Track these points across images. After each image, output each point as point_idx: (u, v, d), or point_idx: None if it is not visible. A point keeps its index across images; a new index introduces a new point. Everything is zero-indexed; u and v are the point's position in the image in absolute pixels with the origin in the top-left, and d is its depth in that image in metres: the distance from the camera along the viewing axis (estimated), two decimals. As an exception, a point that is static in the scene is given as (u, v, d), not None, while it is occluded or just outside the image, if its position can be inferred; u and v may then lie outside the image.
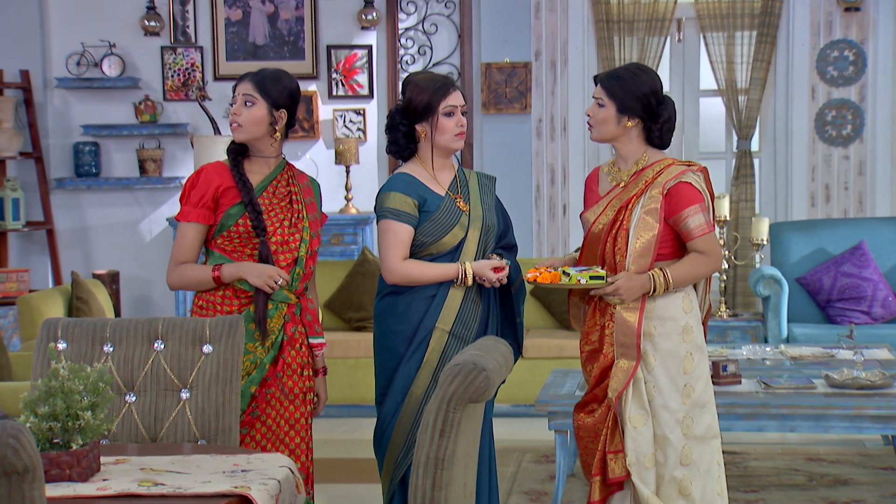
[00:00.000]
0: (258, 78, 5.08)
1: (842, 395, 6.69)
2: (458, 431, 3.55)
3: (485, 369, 3.55)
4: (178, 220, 5.05)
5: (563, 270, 5.00)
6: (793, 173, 10.50)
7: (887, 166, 10.42)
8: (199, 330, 4.47)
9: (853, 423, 6.60)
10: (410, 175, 5.13)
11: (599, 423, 5.05)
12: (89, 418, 3.66)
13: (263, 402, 4.99)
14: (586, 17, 10.63)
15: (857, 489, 7.10)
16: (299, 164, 10.77)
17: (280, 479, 3.71)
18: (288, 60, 10.89)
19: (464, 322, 5.06)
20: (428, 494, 3.54)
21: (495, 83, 10.69)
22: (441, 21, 10.90)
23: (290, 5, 10.91)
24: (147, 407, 4.41)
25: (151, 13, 10.90)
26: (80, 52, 11.02)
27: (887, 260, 9.54)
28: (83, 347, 4.46)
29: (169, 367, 4.43)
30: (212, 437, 4.39)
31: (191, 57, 10.96)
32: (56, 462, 3.62)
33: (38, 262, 11.08)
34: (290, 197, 5.08)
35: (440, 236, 5.06)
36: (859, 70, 10.38)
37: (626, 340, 4.99)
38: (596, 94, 5.09)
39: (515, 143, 10.71)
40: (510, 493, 7.13)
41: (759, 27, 10.44)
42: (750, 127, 10.52)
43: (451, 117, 5.08)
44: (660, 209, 4.97)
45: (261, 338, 4.98)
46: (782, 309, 9.21)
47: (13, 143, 10.76)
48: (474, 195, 5.20)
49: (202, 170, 5.06)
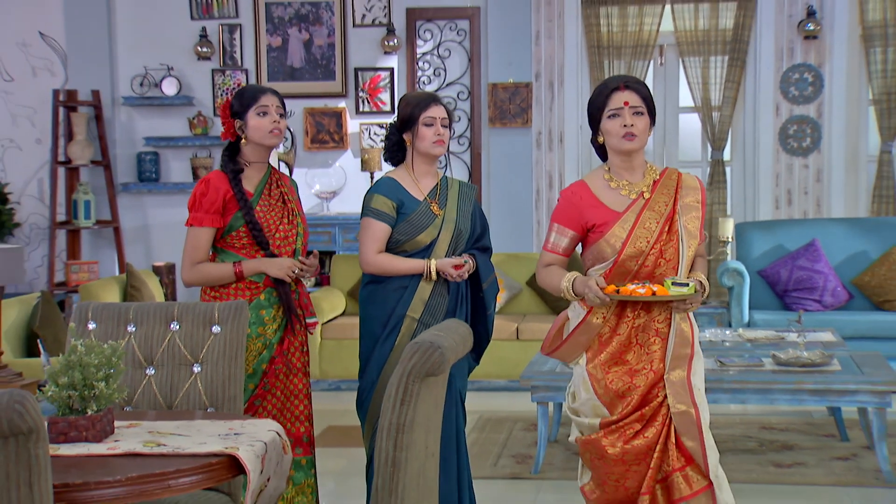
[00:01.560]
0: (277, 93, 5.09)
1: (786, 372, 6.67)
2: (417, 401, 3.56)
3: (440, 347, 3.56)
4: (192, 224, 4.98)
5: (673, 282, 4.27)
6: (759, 179, 10.46)
7: (842, 174, 10.37)
8: (209, 313, 4.48)
9: (795, 396, 6.59)
10: (394, 180, 5.16)
11: (653, 443, 4.34)
12: (103, 388, 3.68)
13: (273, 377, 5.01)
14: (580, 44, 10.61)
15: (800, 453, 7.06)
16: (330, 170, 10.84)
17: (267, 441, 3.72)
18: (321, 81, 10.93)
19: (431, 312, 5.07)
20: (391, 455, 3.55)
21: (500, 101, 10.68)
22: (453, 46, 10.90)
23: (322, 33, 10.94)
24: (164, 379, 4.43)
25: (204, 40, 10.95)
26: (142, 75, 11.08)
27: (837, 255, 9.48)
28: (110, 327, 4.48)
29: (183, 345, 4.45)
30: (219, 405, 4.40)
31: (237, 78, 10.99)
32: (74, 425, 3.65)
33: (106, 256, 11.14)
34: (283, 197, 5.09)
35: (414, 235, 5.08)
36: (817, 90, 10.32)
37: (684, 352, 4.35)
38: (633, 101, 4.41)
39: (518, 153, 10.71)
40: (499, 457, 7.13)
41: (731, 52, 10.41)
42: (722, 139, 10.49)
43: (431, 127, 5.10)
44: (701, 217, 4.44)
45: (296, 320, 5.00)
46: (744, 297, 9.17)
47: (85, 152, 10.84)
48: (451, 202, 5.19)
49: (209, 179, 4.99)
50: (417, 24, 10.90)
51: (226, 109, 5.06)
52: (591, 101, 4.51)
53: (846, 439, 7.33)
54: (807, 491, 6.42)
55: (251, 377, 4.96)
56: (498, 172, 10.72)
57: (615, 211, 4.41)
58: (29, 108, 11.15)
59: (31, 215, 11.20)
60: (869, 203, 10.37)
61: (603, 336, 4.41)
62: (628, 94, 4.41)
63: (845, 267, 9.45)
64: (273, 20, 10.96)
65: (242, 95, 5.04)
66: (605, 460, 4.37)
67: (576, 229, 4.46)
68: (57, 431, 3.65)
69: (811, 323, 8.56)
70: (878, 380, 6.49)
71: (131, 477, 3.35)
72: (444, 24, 10.88)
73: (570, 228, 4.47)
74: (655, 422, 4.35)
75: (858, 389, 6.49)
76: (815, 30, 10.23)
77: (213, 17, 11.02)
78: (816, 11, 10.26)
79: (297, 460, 5.07)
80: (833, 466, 6.79)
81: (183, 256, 5.03)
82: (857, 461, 6.89)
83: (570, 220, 4.46)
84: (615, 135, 4.41)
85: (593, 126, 4.52)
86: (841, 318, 8.93)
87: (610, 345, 4.39)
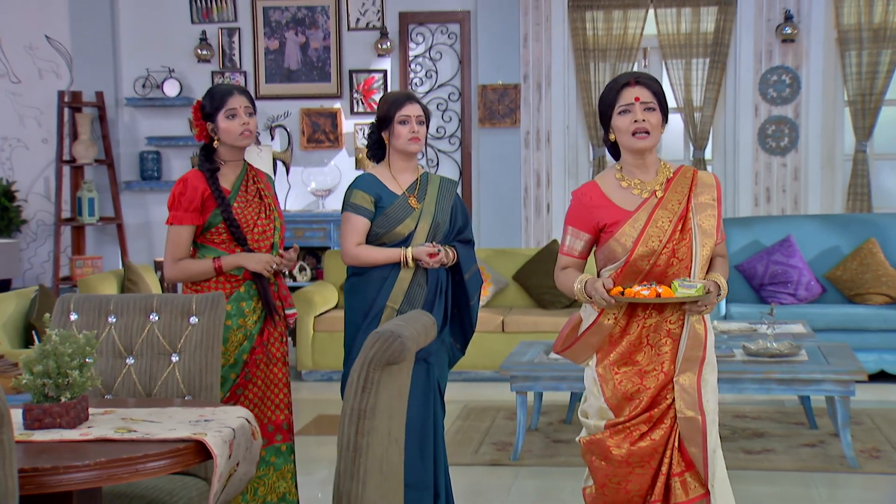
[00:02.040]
0: (246, 92, 5.06)
1: (755, 362, 6.66)
2: (378, 388, 3.54)
3: (400, 336, 3.54)
4: (173, 223, 4.92)
5: (681, 283, 4.02)
6: (739, 178, 10.44)
7: (818, 172, 10.35)
8: (186, 304, 4.46)
9: (763, 385, 6.57)
10: (373, 176, 5.17)
11: (660, 446, 4.12)
12: (76, 376, 3.66)
13: (253, 367, 4.98)
14: (566, 47, 10.58)
15: (769, 440, 7.05)
16: (325, 169, 10.82)
17: (235, 427, 3.70)
18: (317, 82, 10.91)
19: (410, 302, 5.04)
20: (352, 440, 3.53)
21: (490, 101, 10.65)
22: (445, 49, 10.87)
23: (318, 36, 10.91)
24: (143, 368, 4.41)
25: (204, 44, 10.93)
26: (145, 77, 11.06)
27: (811, 250, 9.44)
28: (91, 318, 4.45)
29: (161, 335, 4.42)
30: (196, 394, 4.38)
31: (236, 80, 10.96)
32: (48, 412, 3.62)
33: (110, 251, 11.12)
34: (260, 193, 5.07)
35: (391, 227, 5.07)
36: (795, 91, 10.30)
37: (695, 354, 4.10)
38: (644, 97, 4.14)
39: (507, 152, 10.68)
40: (481, 444, 7.12)
41: (712, 55, 10.38)
42: (704, 139, 10.46)
43: (406, 125, 5.09)
44: (718, 216, 4.18)
45: (272, 314, 4.98)
46: (721, 291, 9.12)
47: (89, 152, 10.82)
48: (431, 196, 5.17)
49: (186, 179, 4.93)
50: (410, 28, 10.86)
51: (197, 112, 5.00)
52: (602, 98, 4.24)
53: (815, 427, 7.31)
54: (773, 476, 6.41)
55: (233, 367, 4.94)
56: (487, 170, 10.69)
57: (626, 210, 4.15)
58: (35, 109, 11.14)
59: (38, 212, 11.18)
60: (844, 200, 10.35)
61: (613, 336, 4.17)
62: (639, 89, 4.15)
63: (819, 262, 9.41)
64: (270, 24, 10.94)
65: (212, 98, 4.97)
66: (610, 461, 4.15)
67: (589, 231, 4.21)
68: (32, 418, 3.63)
69: (785, 315, 8.53)
70: (842, 369, 6.47)
71: (100, 462, 3.33)
72: (435, 28, 10.85)
73: (584, 231, 4.22)
74: (663, 424, 4.12)
75: (824, 379, 6.47)
76: (793, 33, 10.20)
77: (213, 20, 11.00)
78: (794, 16, 10.23)
79: (277, 447, 5.05)
80: (800, 453, 6.77)
81: (165, 254, 4.98)
82: (824, 448, 6.86)
83: (582, 222, 4.22)
84: (626, 132, 4.14)
85: (604, 124, 4.24)
86: (814, 310, 8.90)
87: (619, 345, 4.16)
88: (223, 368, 4.90)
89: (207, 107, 4.97)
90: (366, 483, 3.54)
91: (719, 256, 4.27)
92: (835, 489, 6.25)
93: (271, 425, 5.03)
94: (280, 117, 10.99)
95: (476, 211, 10.80)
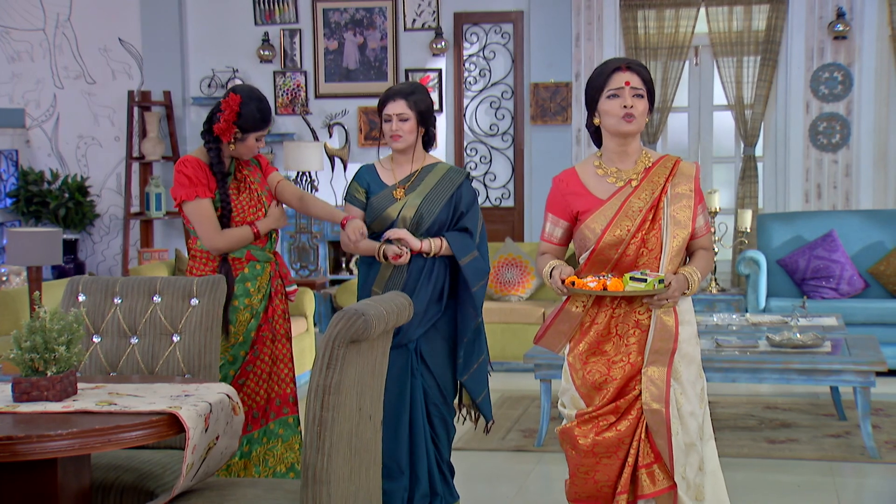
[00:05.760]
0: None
1: (776, 353, 6.58)
2: (343, 364, 3.56)
3: (363, 315, 3.56)
4: (196, 197, 4.87)
5: (632, 276, 3.90)
6: (790, 174, 10.29)
7: (870, 169, 10.17)
8: (188, 286, 4.53)
9: (783, 375, 6.49)
10: (372, 167, 5.23)
11: (626, 437, 4.01)
12: (63, 352, 3.74)
13: (260, 344, 5.03)
14: (618, 45, 10.53)
15: (795, 430, 6.95)
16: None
17: (212, 402, 3.74)
18: (374, 81, 10.99)
19: (391, 287, 5.05)
20: (318, 415, 3.56)
21: (542, 99, 10.63)
22: (498, 48, 10.88)
23: (376, 37, 11.00)
24: (146, 347, 4.49)
25: (266, 45, 11.07)
26: (210, 77, 11.23)
27: (854, 245, 9.28)
28: (98, 299, 4.54)
29: (163, 316, 4.49)
30: (195, 372, 4.45)
31: (297, 79, 11.09)
32: (36, 385, 3.71)
33: (177, 244, 11.30)
34: (246, 180, 5.13)
35: (375, 216, 5.11)
36: (847, 88, 10.13)
37: (664, 346, 3.99)
38: (634, 82, 4.03)
39: (558, 149, 10.65)
40: (510, 431, 7.12)
41: (763, 53, 10.25)
42: (754, 135, 10.33)
43: (388, 122, 5.10)
44: (693, 206, 4.06)
45: (278, 288, 5.09)
46: (760, 285, 9.01)
47: (157, 149, 11.02)
48: (424, 187, 5.11)
49: (188, 159, 4.96)
50: (464, 28, 10.90)
51: (233, 112, 4.90)
52: (590, 81, 4.13)
53: (843, 418, 7.19)
54: (791, 464, 6.33)
55: (242, 345, 5.00)
56: (539, 167, 10.67)
57: (599, 199, 4.05)
58: (109, 108, 11.38)
59: (111, 207, 11.42)
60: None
61: (584, 325, 4.08)
62: (630, 74, 4.03)
63: (862, 257, 9.25)
64: (330, 25, 11.04)
65: (254, 118, 4.94)
66: (577, 451, 4.07)
67: (566, 218, 4.14)
68: (20, 391, 3.72)
69: (825, 310, 8.41)
70: (861, 360, 6.36)
71: (73, 431, 3.39)
72: (489, 28, 10.87)
73: (561, 217, 4.14)
74: (629, 415, 4.01)
75: (843, 369, 6.38)
76: (845, 30, 10.04)
77: (275, 22, 11.13)
78: (846, 13, 10.07)
79: (284, 419, 5.11)
80: (823, 443, 6.67)
81: (201, 230, 4.90)
82: (849, 438, 6.76)
83: (559, 208, 4.15)
84: (614, 115, 4.01)
85: (590, 108, 4.13)
86: (853, 305, 8.75)
87: (588, 334, 4.07)
88: (233, 347, 4.97)
89: (246, 123, 4.94)
90: (331, 456, 3.57)
91: (702, 249, 4.14)
92: (853, 478, 6.15)
93: (278, 399, 5.10)
94: (338, 115, 11.08)
95: (528, 206, 10.79)
